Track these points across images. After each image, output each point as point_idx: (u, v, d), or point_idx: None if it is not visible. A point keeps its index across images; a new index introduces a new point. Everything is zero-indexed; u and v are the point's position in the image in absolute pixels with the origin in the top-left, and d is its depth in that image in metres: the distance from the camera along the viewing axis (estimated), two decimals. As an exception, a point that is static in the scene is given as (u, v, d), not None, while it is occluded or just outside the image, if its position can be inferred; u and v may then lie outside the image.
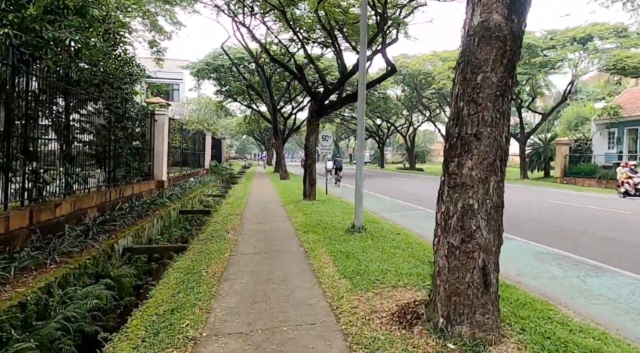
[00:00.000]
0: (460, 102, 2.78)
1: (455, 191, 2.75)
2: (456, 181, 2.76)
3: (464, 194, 2.71)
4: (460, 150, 2.74)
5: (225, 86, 31.01)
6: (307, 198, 11.47)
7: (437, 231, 2.95)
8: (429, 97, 34.66)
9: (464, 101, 2.76)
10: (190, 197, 14.13)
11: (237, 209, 10.44)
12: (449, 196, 2.81)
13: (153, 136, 12.59)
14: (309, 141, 11.26)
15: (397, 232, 7.00)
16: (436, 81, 24.12)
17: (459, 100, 2.79)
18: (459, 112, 2.78)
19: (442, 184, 2.95)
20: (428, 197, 14.12)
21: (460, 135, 2.75)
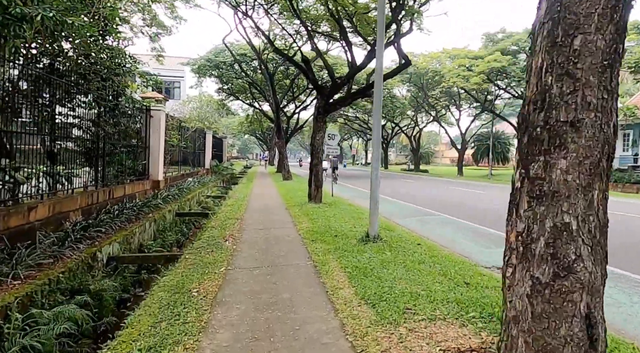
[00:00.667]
0: (548, 78, 1.96)
1: (541, 203, 1.94)
2: (542, 188, 1.95)
3: (555, 208, 1.90)
4: (549, 145, 1.93)
5: (227, 83, 30.26)
6: (313, 201, 10.67)
7: (510, 258, 2.13)
8: (435, 96, 33.82)
9: (553, 75, 1.94)
10: (187, 198, 13.34)
11: (237, 213, 9.64)
12: (531, 211, 1.99)
13: (149, 133, 11.81)
14: (315, 139, 10.45)
15: (417, 242, 6.18)
16: (446, 79, 23.29)
17: (546, 74, 1.97)
18: (545, 91, 1.97)
19: (518, 193, 2.14)
20: (441, 200, 13.29)
21: (549, 124, 1.94)
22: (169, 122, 14.35)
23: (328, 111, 10.33)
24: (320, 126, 10.40)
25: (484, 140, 37.17)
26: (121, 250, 6.81)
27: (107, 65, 8.54)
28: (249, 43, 17.97)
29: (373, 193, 6.10)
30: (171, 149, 15.38)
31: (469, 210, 11.12)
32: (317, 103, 10.31)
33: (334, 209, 9.74)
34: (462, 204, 12.64)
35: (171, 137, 14.66)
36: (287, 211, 9.75)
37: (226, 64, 25.22)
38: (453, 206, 12.23)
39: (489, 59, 20.28)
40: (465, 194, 16.36)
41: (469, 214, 10.21)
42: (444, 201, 13.35)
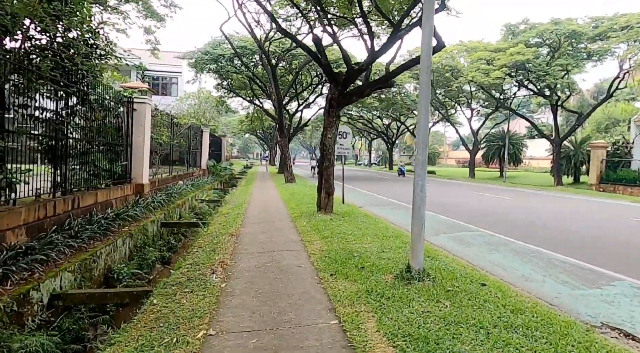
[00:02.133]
0: None
1: None
2: None
3: None
4: None
5: (226, 79, 28.57)
6: (323, 211, 8.98)
7: None
8: (445, 94, 32.10)
9: None
10: (178, 204, 11.66)
11: (232, 226, 7.95)
12: None
13: (131, 129, 10.14)
14: (326, 137, 8.76)
15: (481, 279, 4.47)
16: (464, 73, 21.46)
17: None
18: None
19: None
20: (468, 208, 11.59)
21: None
22: (158, 117, 12.68)
23: (342, 104, 8.63)
24: (332, 122, 8.70)
25: (495, 140, 35.45)
26: (74, 283, 5.12)
27: (74, 43, 6.85)
28: (250, 32, 16.27)
29: (417, 212, 4.39)
30: (161, 148, 13.71)
31: (510, 223, 9.43)
32: (329, 94, 8.62)
33: (350, 222, 8.05)
34: (496, 215, 10.93)
35: (160, 134, 12.99)
36: (292, 224, 8.05)
37: (225, 57, 23.53)
38: (486, 216, 10.53)
39: (512, 51, 18.52)
40: (491, 200, 14.66)
41: (513, 229, 8.51)
42: (472, 209, 11.64)
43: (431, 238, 7.37)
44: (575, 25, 17.83)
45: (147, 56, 32.24)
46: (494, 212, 11.36)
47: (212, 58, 23.64)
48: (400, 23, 8.34)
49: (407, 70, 8.61)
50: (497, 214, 10.90)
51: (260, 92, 29.74)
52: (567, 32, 17.46)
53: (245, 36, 24.05)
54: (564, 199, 16.05)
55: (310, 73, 28.03)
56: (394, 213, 10.64)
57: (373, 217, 9.00)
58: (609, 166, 22.79)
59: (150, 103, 10.78)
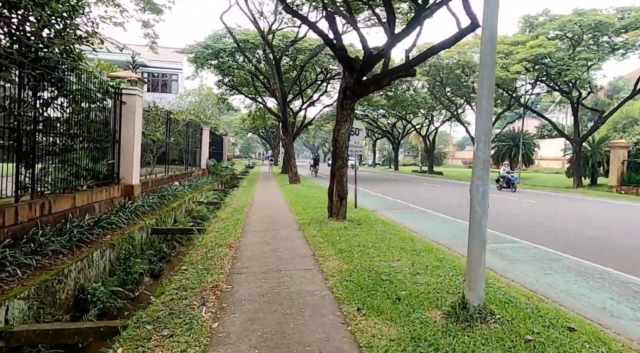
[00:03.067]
0: None
1: None
2: None
3: None
4: None
5: (227, 75, 27.47)
6: (335, 217, 7.86)
7: None
8: (452, 92, 30.94)
9: None
10: (172, 207, 10.58)
11: (230, 234, 6.85)
12: None
13: (119, 123, 9.06)
14: (339, 132, 7.64)
15: (561, 319, 3.34)
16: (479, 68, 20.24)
17: None
18: None
19: None
20: (498, 214, 10.44)
21: None
22: (151, 111, 11.59)
23: (358, 94, 7.50)
24: (346, 115, 7.58)
25: (506, 140, 34.27)
26: (28, 314, 4.03)
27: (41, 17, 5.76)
28: (253, 21, 15.16)
29: (477, 227, 3.27)
30: (156, 146, 12.64)
31: (547, 232, 8.28)
32: (343, 83, 7.51)
33: (368, 231, 6.92)
34: (528, 221, 9.79)
35: (155, 130, 11.91)
36: (301, 233, 6.94)
37: (226, 51, 22.44)
38: (517, 222, 9.39)
39: (532, 44, 17.32)
40: (515, 204, 13.49)
41: (555, 240, 7.36)
42: (500, 214, 10.48)
43: (463, 250, 6.23)
44: (601, 16, 16.63)
45: (146, 52, 31.20)
46: (525, 218, 10.20)
47: (212, 53, 22.56)
48: (425, 2, 7.21)
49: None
50: (528, 221, 9.75)
51: (263, 90, 28.65)
52: (592, 23, 16.25)
53: (247, 29, 22.97)
54: (592, 203, 14.88)
55: (315, 69, 26.92)
56: (413, 218, 9.51)
57: (392, 224, 7.88)
58: (630, 167, 21.59)
59: (141, 95, 9.70)
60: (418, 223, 8.78)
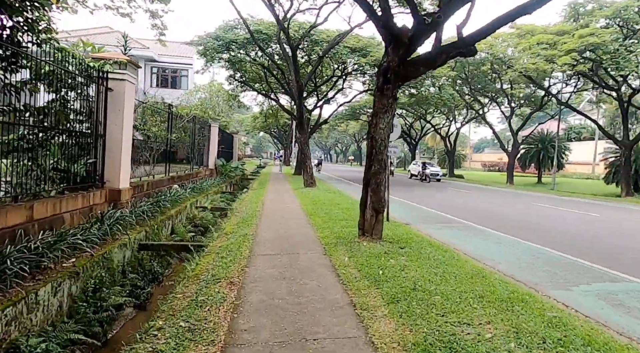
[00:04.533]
0: None
1: None
2: None
3: None
4: None
5: (239, 70, 25.91)
6: (368, 236, 6.11)
7: None
8: (478, 89, 28.85)
9: None
10: (170, 214, 8.97)
11: (233, 260, 5.16)
12: None
13: (105, 114, 7.47)
14: (376, 127, 5.87)
15: None
16: (516, 62, 18.07)
17: None
18: None
19: None
20: (564, 233, 8.51)
21: None
22: (149, 103, 10.01)
23: (403, 77, 5.72)
24: (386, 105, 5.82)
25: (534, 142, 32.01)
26: None
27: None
28: (268, 4, 13.47)
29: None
30: (156, 143, 11.08)
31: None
32: (383, 63, 5.76)
33: (417, 259, 5.15)
34: (611, 244, 7.85)
35: (152, 125, 10.33)
36: (327, 260, 5.20)
37: (238, 43, 20.85)
38: (602, 247, 7.46)
39: (582, 33, 15.27)
40: (574, 217, 11.42)
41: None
42: (568, 233, 8.56)
43: (556, 293, 4.41)
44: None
45: (155, 46, 29.86)
46: (606, 240, 8.18)
47: (223, 44, 21.00)
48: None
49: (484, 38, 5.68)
50: (612, 243, 7.79)
51: (276, 86, 27.04)
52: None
53: (260, 19, 21.38)
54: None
55: (331, 65, 25.19)
56: (462, 237, 7.68)
57: (443, 247, 6.07)
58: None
59: (133, 81, 8.08)
60: (471, 244, 6.97)
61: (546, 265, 5.76)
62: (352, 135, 71.64)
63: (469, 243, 7.00)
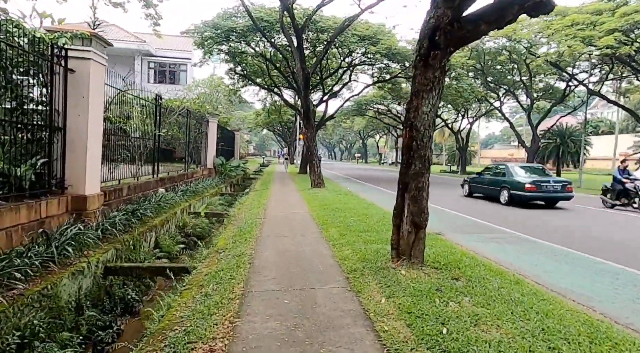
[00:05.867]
0: None
1: None
2: None
3: None
4: None
5: (239, 63, 24.31)
6: (406, 259, 4.51)
7: None
8: (495, 81, 27.10)
9: None
10: (152, 225, 7.43)
11: (221, 303, 3.57)
12: None
13: (64, 102, 5.92)
14: (417, 111, 4.26)
15: None
16: (553, 43, 16.28)
17: None
18: None
19: None
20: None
21: None
22: (128, 90, 8.42)
23: (457, 40, 4.09)
24: (431, 81, 4.21)
25: (552, 137, 30.21)
26: None
27: None
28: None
29: None
30: (143, 139, 9.55)
31: None
32: (429, 20, 4.11)
33: (489, 299, 3.56)
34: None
35: (137, 118, 8.77)
36: (356, 304, 3.60)
37: (237, 31, 19.23)
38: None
39: (627, 10, 13.48)
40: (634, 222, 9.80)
41: None
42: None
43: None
44: None
45: (153, 40, 28.38)
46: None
47: (222, 33, 19.40)
48: None
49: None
50: None
51: (279, 79, 25.43)
52: None
53: (261, 5, 19.76)
54: None
55: (337, 56, 23.52)
56: (524, 255, 6.02)
57: (513, 277, 4.44)
58: None
59: (102, 61, 6.51)
60: (538, 267, 5.35)
61: None
62: (357, 132, 69.82)
63: (533, 265, 5.38)
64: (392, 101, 36.70)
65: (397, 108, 43.22)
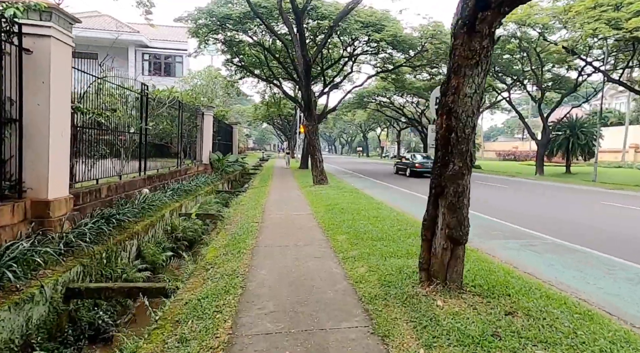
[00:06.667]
0: None
1: None
2: None
3: None
4: None
5: (237, 54, 23.16)
6: (440, 282, 3.52)
7: None
8: (499, 70, 25.96)
9: None
10: (134, 231, 6.47)
11: (205, 346, 2.60)
12: None
13: (19, 89, 4.91)
14: (458, 96, 3.25)
15: None
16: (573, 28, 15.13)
17: None
18: None
19: None
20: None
21: None
22: (105, 77, 7.38)
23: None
24: (479, 53, 3.20)
25: (562, 129, 29.10)
26: None
27: None
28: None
29: None
30: (129, 132, 8.56)
31: None
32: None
33: (569, 349, 2.55)
34: None
35: (108, 108, 7.73)
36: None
37: (233, 19, 18.09)
38: None
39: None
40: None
41: None
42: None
43: None
44: None
45: (148, 31, 27.19)
46: None
47: (217, 20, 18.27)
48: None
49: None
50: None
51: (278, 71, 24.30)
52: None
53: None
54: None
55: (338, 46, 22.39)
56: (570, 268, 5.04)
57: (587, 311, 3.45)
58: None
59: (66, 41, 5.48)
60: (599, 287, 4.38)
61: None
62: (358, 125, 68.60)
63: (589, 284, 4.40)
64: (395, 93, 35.55)
65: (399, 100, 42.11)
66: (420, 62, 21.97)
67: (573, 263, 5.19)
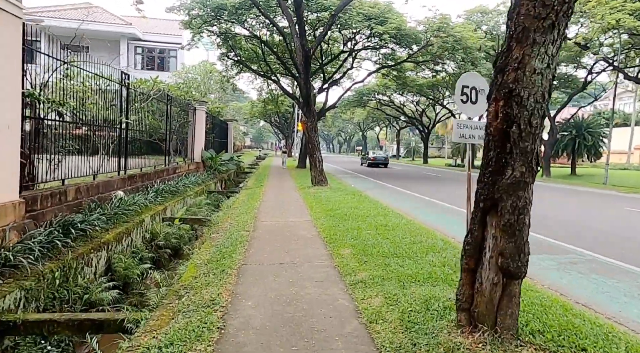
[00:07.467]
0: None
1: None
2: None
3: None
4: None
5: (233, 48, 22.11)
6: (488, 330, 2.57)
7: None
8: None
9: None
10: (103, 241, 5.49)
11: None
12: None
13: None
14: (525, 71, 2.31)
15: None
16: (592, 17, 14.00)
17: None
18: None
19: None
20: None
21: None
22: (72, 61, 6.38)
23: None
24: (556, 9, 2.25)
25: (568, 129, 28.24)
26: None
27: None
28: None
29: None
30: (108, 126, 7.58)
31: None
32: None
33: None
34: None
35: (78, 99, 6.73)
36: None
37: (228, 9, 17.06)
38: None
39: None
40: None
41: None
42: None
43: None
44: None
45: (141, 24, 26.13)
46: None
47: (211, 11, 17.25)
48: None
49: None
50: None
51: (276, 66, 23.30)
52: None
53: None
54: None
55: (340, 38, 21.41)
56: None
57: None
58: None
59: (14, 12, 4.49)
60: None
61: None
62: (357, 124, 67.60)
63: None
64: (395, 91, 34.62)
65: (399, 99, 41.16)
66: (424, 57, 21.03)
67: (633, 289, 4.25)
